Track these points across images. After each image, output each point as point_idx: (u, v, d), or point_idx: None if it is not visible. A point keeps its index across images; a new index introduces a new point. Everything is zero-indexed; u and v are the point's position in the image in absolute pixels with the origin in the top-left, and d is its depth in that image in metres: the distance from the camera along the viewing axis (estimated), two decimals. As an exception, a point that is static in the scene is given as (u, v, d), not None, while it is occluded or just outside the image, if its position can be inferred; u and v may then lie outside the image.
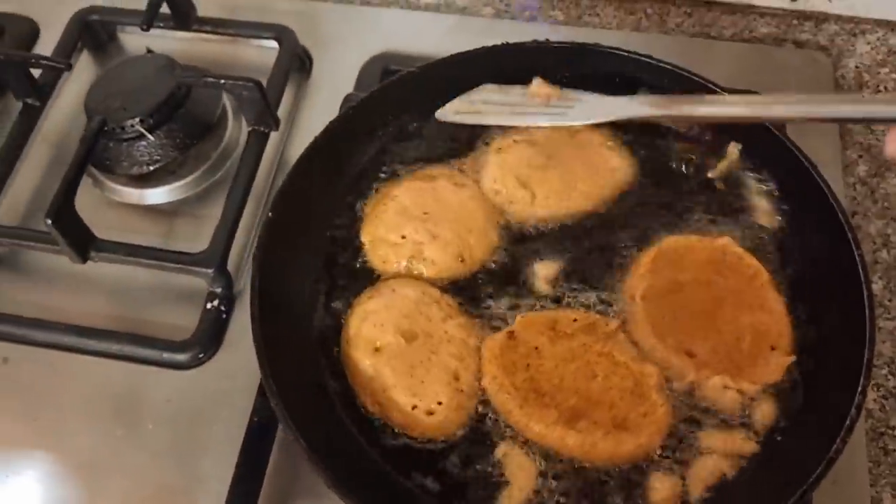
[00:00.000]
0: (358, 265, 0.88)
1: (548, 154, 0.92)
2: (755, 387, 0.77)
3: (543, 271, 0.86)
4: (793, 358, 0.78)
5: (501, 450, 0.76)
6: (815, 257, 0.83)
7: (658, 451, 0.76)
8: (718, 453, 0.75)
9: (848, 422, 0.69)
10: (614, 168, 0.91)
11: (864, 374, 0.69)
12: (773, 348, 0.79)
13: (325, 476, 0.68)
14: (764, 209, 0.88)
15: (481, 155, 0.94)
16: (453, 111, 0.89)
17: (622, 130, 0.93)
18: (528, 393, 0.77)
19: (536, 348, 0.79)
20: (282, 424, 0.72)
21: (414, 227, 0.88)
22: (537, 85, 0.87)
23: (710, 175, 0.91)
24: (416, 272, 0.86)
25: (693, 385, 0.78)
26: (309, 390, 0.79)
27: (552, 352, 0.79)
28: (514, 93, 0.88)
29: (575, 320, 0.81)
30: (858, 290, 0.74)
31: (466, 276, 0.86)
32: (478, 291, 0.86)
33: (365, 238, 0.89)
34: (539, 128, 0.91)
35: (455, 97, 0.90)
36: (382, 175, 0.93)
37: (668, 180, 0.91)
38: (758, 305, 0.82)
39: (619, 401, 0.76)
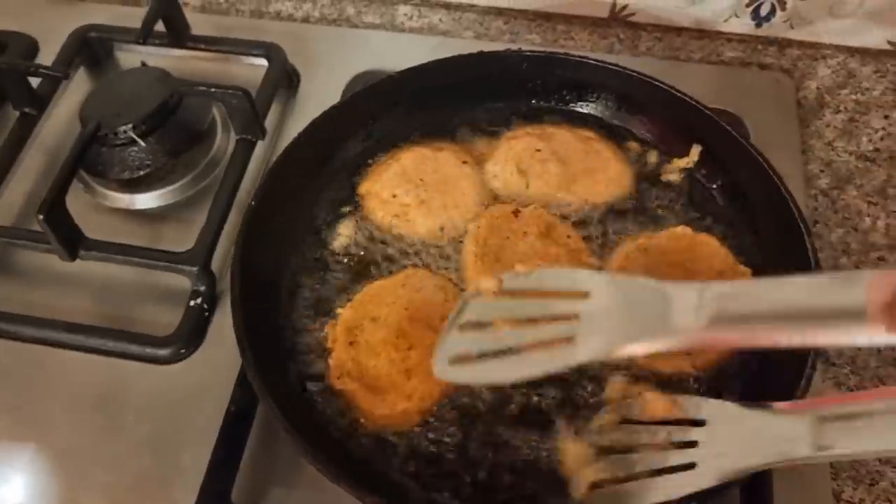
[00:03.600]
0: (333, 258, 0.93)
1: (554, 150, 0.97)
2: (645, 361, 0.81)
3: None
4: (692, 371, 0.81)
5: None
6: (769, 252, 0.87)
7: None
8: None
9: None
10: (612, 179, 0.96)
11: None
12: (688, 353, 0.82)
13: (297, 445, 0.72)
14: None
15: (494, 140, 1.01)
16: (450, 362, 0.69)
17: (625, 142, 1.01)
18: (488, 253, 0.88)
19: (525, 233, 0.89)
20: (259, 397, 0.75)
21: (405, 190, 0.95)
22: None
23: (664, 166, 0.97)
24: (395, 230, 0.94)
25: None
26: (285, 373, 0.82)
27: (531, 243, 0.89)
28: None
29: (569, 237, 0.90)
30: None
31: (443, 244, 0.93)
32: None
33: (362, 190, 0.97)
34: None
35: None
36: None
37: (661, 200, 0.96)
38: None
39: None
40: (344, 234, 0.95)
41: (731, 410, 0.62)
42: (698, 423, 0.66)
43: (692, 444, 0.64)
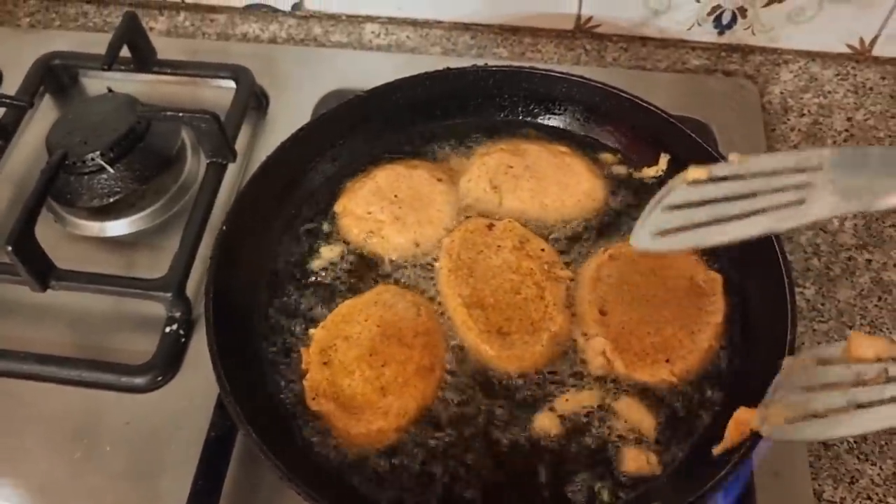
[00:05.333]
0: (309, 278, 0.93)
1: (528, 165, 0.98)
2: (625, 372, 0.82)
3: None
4: (673, 379, 0.81)
5: None
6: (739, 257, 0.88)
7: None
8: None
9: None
10: (584, 193, 0.96)
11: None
12: (667, 360, 0.82)
13: (276, 468, 0.71)
14: None
15: (467, 157, 1.02)
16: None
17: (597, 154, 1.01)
18: (462, 267, 0.89)
19: (499, 246, 0.90)
20: (235, 422, 0.74)
21: (380, 207, 0.95)
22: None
23: (634, 176, 0.98)
24: (370, 247, 0.94)
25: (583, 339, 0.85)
26: (261, 391, 0.81)
27: (505, 257, 0.89)
28: None
29: (543, 250, 0.91)
30: (781, 283, 0.79)
31: (420, 259, 0.93)
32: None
33: (338, 208, 0.97)
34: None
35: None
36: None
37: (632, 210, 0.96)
38: (696, 330, 0.84)
39: (517, 321, 0.85)
40: (319, 253, 0.95)
41: None
42: None
43: None
